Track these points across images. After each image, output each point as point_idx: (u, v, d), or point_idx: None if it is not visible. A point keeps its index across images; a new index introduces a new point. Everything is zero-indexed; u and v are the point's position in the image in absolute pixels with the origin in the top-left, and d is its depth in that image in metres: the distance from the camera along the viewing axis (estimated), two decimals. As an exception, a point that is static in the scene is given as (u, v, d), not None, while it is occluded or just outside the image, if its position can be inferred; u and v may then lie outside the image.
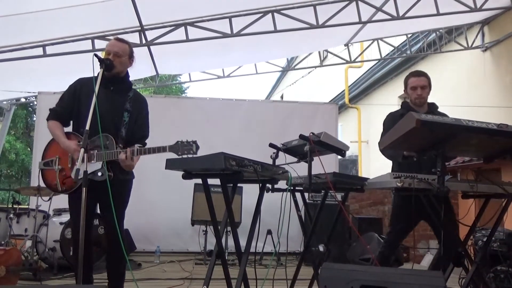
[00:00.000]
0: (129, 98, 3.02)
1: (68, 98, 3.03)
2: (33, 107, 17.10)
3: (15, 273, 3.73)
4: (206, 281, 2.43)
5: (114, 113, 2.94)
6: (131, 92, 3.07)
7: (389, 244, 3.35)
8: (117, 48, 2.95)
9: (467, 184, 2.52)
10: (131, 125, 2.99)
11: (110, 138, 2.86)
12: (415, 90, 3.29)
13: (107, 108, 2.89)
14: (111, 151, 2.83)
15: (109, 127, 2.87)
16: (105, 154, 2.81)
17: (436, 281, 2.01)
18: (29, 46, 6.05)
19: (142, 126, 3.08)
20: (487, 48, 7.82)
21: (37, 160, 6.68)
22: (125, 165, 2.83)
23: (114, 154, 2.81)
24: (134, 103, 3.03)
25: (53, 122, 3.02)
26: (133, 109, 3.01)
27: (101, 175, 2.78)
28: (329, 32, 6.93)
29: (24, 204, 7.89)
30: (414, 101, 3.33)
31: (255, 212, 2.57)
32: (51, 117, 3.03)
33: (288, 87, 16.75)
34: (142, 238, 6.25)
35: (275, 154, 3.10)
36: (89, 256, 2.93)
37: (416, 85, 3.29)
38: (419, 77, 3.33)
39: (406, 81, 3.39)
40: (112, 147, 2.85)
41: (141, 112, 3.08)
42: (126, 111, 2.97)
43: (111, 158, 2.81)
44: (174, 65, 8.55)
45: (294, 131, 3.33)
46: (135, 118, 3.02)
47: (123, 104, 2.97)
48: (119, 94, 3.00)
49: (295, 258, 5.94)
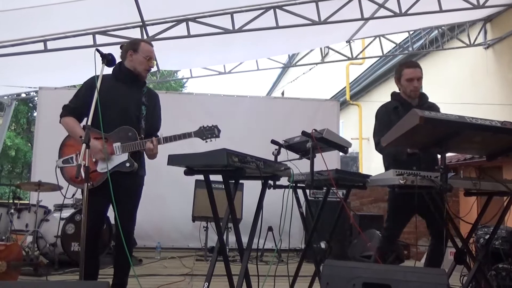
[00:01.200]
0: (144, 93, 3.09)
1: (84, 94, 3.01)
2: (34, 103, 17.10)
3: (16, 269, 3.73)
4: (207, 277, 2.42)
5: (134, 107, 3.01)
6: (145, 87, 3.15)
7: (387, 240, 3.32)
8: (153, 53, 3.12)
9: (470, 182, 2.51)
10: (149, 117, 3.07)
11: (132, 130, 2.93)
12: (411, 81, 3.17)
13: (127, 102, 2.98)
14: (136, 142, 2.89)
15: (130, 120, 2.96)
16: (132, 145, 2.88)
17: (438, 279, 2.00)
18: (30, 41, 6.03)
19: (157, 120, 3.20)
20: (490, 46, 7.79)
21: (37, 156, 6.68)
22: (152, 154, 2.94)
23: (141, 144, 2.89)
24: (149, 98, 3.12)
25: (69, 118, 3.03)
26: (148, 103, 3.09)
27: (128, 166, 2.87)
28: (331, 29, 6.91)
29: (24, 200, 7.90)
30: (409, 93, 3.21)
31: (257, 209, 2.56)
32: (66, 113, 3.04)
33: (289, 83, 16.71)
34: (143, 234, 6.24)
35: (277, 150, 3.09)
36: (97, 252, 2.97)
37: (413, 76, 3.16)
38: (415, 68, 3.20)
39: (400, 72, 3.24)
40: (135, 138, 2.91)
41: (155, 106, 3.18)
42: (143, 105, 3.05)
43: (137, 148, 2.89)
44: (175, 60, 8.52)
45: (296, 128, 3.32)
46: (152, 112, 3.11)
47: (140, 98, 3.05)
48: (134, 88, 3.07)
49: (296, 255, 5.94)
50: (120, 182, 2.83)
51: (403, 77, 3.21)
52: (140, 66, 3.03)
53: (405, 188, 2.41)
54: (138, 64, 3.02)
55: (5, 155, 16.97)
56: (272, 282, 3.00)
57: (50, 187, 4.68)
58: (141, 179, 3.09)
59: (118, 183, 2.80)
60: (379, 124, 3.28)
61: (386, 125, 3.10)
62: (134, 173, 2.93)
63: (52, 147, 3.23)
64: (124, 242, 2.77)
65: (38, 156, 6.67)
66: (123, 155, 2.88)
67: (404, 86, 3.24)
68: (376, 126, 3.30)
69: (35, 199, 4.97)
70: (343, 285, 2.05)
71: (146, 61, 3.03)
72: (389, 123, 3.06)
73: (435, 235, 3.21)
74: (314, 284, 3.24)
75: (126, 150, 2.88)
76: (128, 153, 2.88)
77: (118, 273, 3.01)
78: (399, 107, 3.20)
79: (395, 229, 3.30)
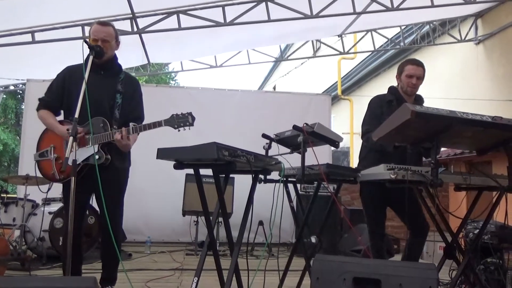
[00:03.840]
0: (120, 80, 2.99)
1: (57, 87, 2.99)
2: (22, 96, 16.90)
3: (2, 263, 3.68)
4: (197, 272, 2.40)
5: (106, 97, 2.91)
6: (122, 74, 3.04)
7: (373, 236, 3.31)
8: (104, 33, 2.90)
9: (461, 177, 2.52)
10: (125, 106, 2.96)
11: (104, 121, 2.84)
12: (410, 78, 3.20)
13: (99, 93, 2.86)
14: (106, 132, 2.80)
15: (103, 111, 2.86)
16: (101, 136, 2.79)
17: (429, 273, 2.00)
18: (17, 33, 5.93)
19: (136, 107, 3.06)
20: (480, 41, 7.83)
21: (25, 149, 6.59)
22: (122, 145, 2.81)
23: (110, 136, 2.79)
24: (126, 85, 3.01)
25: (44, 111, 2.99)
26: (125, 90, 2.98)
27: (98, 158, 2.75)
28: (322, 22, 6.88)
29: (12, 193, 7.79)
30: (406, 89, 3.23)
31: (247, 203, 2.54)
32: (41, 107, 3.00)
33: (280, 78, 16.68)
34: (132, 228, 6.20)
35: (268, 144, 3.06)
36: (79, 247, 2.90)
37: (413, 73, 3.20)
38: (418, 66, 3.23)
39: (403, 67, 3.27)
40: (107, 129, 2.82)
41: (133, 93, 3.05)
42: (118, 93, 2.95)
43: (106, 139, 2.79)
44: (165, 53, 8.44)
45: (287, 122, 3.29)
46: (129, 100, 3.00)
47: (115, 87, 2.95)
48: (109, 77, 2.97)
49: (286, 249, 5.94)
50: (96, 175, 2.65)
51: (404, 73, 3.24)
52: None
53: (395, 183, 2.41)
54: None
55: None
56: (262, 277, 2.99)
57: (38, 181, 4.61)
58: (120, 171, 2.98)
59: (93, 176, 2.66)
60: (370, 114, 3.28)
61: (376, 116, 3.15)
62: (110, 165, 2.84)
63: (40, 140, 3.19)
64: (112, 236, 2.71)
65: (26, 149, 6.58)
66: (95, 147, 2.77)
67: (403, 82, 3.26)
68: (367, 115, 3.30)
69: (22, 193, 4.90)
70: (333, 279, 2.05)
71: (96, 43, 2.83)
72: (380, 115, 3.11)
73: (413, 228, 3.26)
74: (304, 279, 3.24)
75: (97, 142, 2.79)
76: (98, 145, 2.79)
77: (106, 267, 2.98)
78: (394, 101, 3.20)
79: (376, 224, 3.29)
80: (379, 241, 3.29)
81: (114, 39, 2.95)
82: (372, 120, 3.18)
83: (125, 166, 3.05)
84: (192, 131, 2.89)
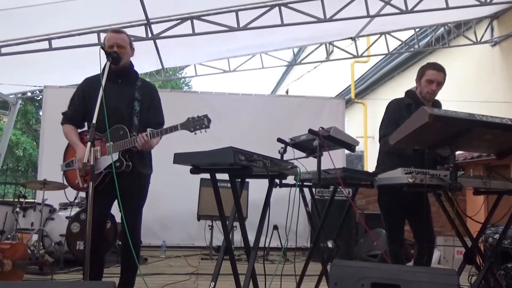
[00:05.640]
0: (137, 88, 3.02)
1: (78, 100, 3.03)
2: (40, 102, 17.16)
3: (21, 267, 3.73)
4: (214, 277, 2.40)
5: (125, 105, 2.95)
6: (139, 81, 3.07)
7: (393, 240, 3.25)
8: (118, 39, 2.94)
9: (480, 180, 2.48)
10: (144, 113, 2.99)
11: (123, 128, 2.87)
12: (430, 83, 3.11)
13: (118, 101, 2.90)
14: (126, 140, 2.83)
15: (122, 119, 2.89)
16: (120, 143, 2.82)
17: (449, 279, 1.97)
18: (34, 40, 6.04)
19: (156, 113, 3.10)
20: (496, 43, 7.71)
21: (44, 154, 6.68)
22: (146, 147, 2.84)
23: (131, 142, 2.81)
24: (143, 92, 3.03)
25: (67, 126, 3.05)
26: (142, 97, 3.01)
27: (118, 165, 2.79)
28: (335, 26, 6.86)
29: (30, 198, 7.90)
30: (425, 94, 3.15)
31: (263, 208, 2.54)
32: (65, 121, 3.06)
33: (293, 82, 16.65)
34: (148, 232, 6.21)
35: (284, 149, 3.05)
36: (100, 252, 2.96)
37: (434, 79, 3.11)
38: (439, 72, 3.13)
39: (423, 71, 3.17)
40: (126, 137, 2.85)
41: (152, 99, 3.09)
42: (136, 100, 2.97)
43: (127, 146, 2.82)
44: (179, 58, 8.51)
45: (301, 126, 3.28)
46: (147, 106, 3.03)
47: (133, 94, 2.98)
48: (127, 85, 3.00)
49: (301, 254, 5.91)
50: (118, 182, 2.70)
51: (425, 77, 3.15)
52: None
53: (413, 187, 2.38)
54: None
55: (11, 153, 17.01)
56: (278, 282, 2.98)
57: (56, 186, 4.67)
58: (143, 178, 3.02)
59: (123, 183, 2.73)
60: (388, 118, 3.22)
61: (395, 121, 3.07)
62: (132, 172, 2.87)
63: (58, 146, 3.25)
64: (130, 242, 2.74)
65: (44, 154, 6.67)
66: (114, 155, 2.81)
67: (422, 86, 3.17)
68: (385, 118, 3.25)
69: (40, 197, 4.97)
70: (351, 285, 2.02)
71: (112, 49, 2.88)
72: (399, 119, 3.03)
73: (419, 242, 3.20)
74: (321, 284, 3.21)
75: (117, 149, 2.82)
76: (118, 152, 2.82)
77: (125, 272, 3.00)
78: (413, 105, 3.14)
79: (395, 230, 3.24)
80: (398, 247, 3.24)
81: (128, 45, 2.99)
82: (390, 123, 3.14)
83: (147, 172, 3.07)
84: (206, 136, 2.89)
